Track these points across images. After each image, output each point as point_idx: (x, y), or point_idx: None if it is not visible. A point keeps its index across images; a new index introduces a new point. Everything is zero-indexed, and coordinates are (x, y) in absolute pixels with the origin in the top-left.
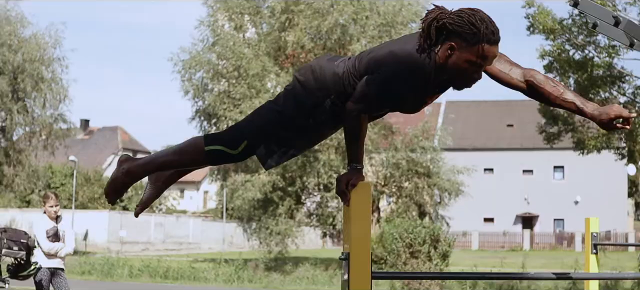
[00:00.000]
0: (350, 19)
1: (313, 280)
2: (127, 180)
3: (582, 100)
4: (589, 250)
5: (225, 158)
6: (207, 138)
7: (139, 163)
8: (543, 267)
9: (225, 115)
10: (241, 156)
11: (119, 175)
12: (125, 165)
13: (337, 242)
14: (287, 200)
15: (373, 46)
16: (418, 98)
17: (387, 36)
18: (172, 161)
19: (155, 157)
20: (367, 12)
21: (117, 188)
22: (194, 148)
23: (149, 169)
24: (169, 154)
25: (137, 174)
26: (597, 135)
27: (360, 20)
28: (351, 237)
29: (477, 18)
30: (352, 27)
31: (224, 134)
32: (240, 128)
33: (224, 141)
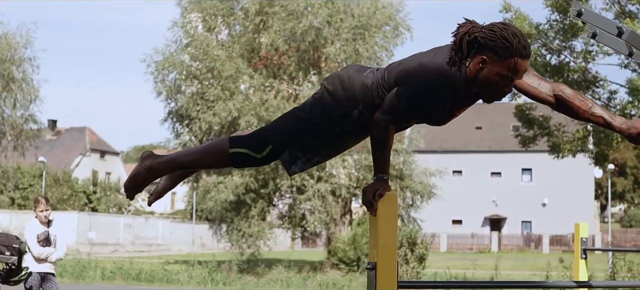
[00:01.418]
0: (324, 22)
1: (287, 283)
2: (149, 176)
3: (610, 114)
4: (579, 255)
5: (249, 161)
6: (232, 140)
7: (162, 160)
8: (512, 269)
9: (199, 116)
10: (265, 160)
11: (141, 170)
12: (148, 161)
13: (308, 244)
14: (259, 202)
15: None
16: (447, 110)
17: (361, 39)
18: (195, 161)
19: (179, 156)
20: (341, 15)
21: (138, 183)
22: (218, 149)
23: (171, 167)
24: (192, 153)
25: (159, 171)
26: (572, 139)
27: (334, 23)
28: (378, 247)
29: (509, 32)
30: (327, 30)
31: (249, 138)
32: (266, 132)
33: (249, 144)
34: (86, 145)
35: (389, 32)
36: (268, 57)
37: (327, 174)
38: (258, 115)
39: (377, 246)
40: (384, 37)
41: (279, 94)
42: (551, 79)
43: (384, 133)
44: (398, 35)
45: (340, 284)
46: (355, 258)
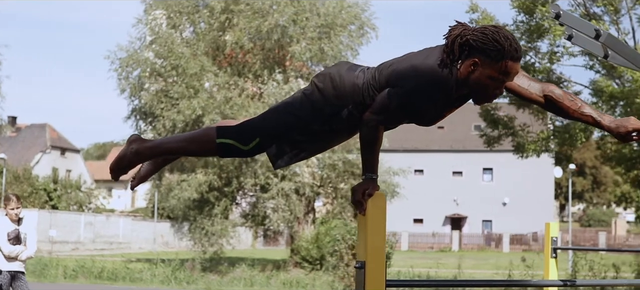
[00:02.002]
0: (290, 20)
1: (251, 282)
2: (135, 160)
3: (599, 113)
4: (549, 255)
5: (236, 152)
6: (220, 130)
7: (149, 145)
8: (474, 268)
9: (163, 114)
10: (251, 152)
11: (128, 153)
12: (135, 145)
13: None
14: (223, 201)
15: (394, 58)
16: (438, 111)
17: (326, 38)
18: (182, 148)
19: (166, 142)
20: (307, 14)
21: (123, 166)
22: (205, 138)
23: (157, 152)
24: (180, 140)
25: (145, 156)
26: (536, 140)
27: (300, 22)
28: (367, 246)
29: (501, 35)
30: (292, 28)
31: (237, 129)
32: (255, 125)
33: (236, 136)
34: (47, 142)
35: (354, 31)
36: (233, 55)
37: (291, 172)
38: (222, 113)
39: (366, 245)
40: (349, 36)
41: (244, 92)
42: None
43: (374, 133)
44: (363, 35)
45: (304, 283)
46: (319, 256)
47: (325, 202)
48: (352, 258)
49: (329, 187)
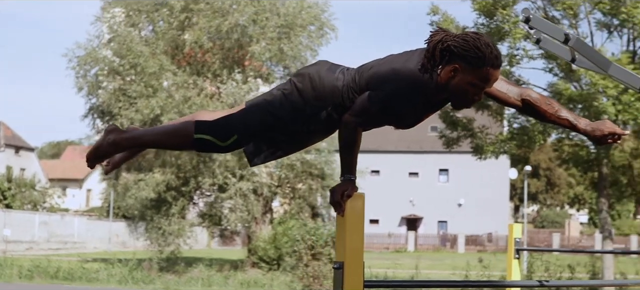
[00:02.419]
0: (250, 20)
1: (208, 282)
2: (111, 150)
3: (575, 116)
4: (512, 256)
5: (213, 148)
6: (198, 126)
7: (126, 136)
8: (431, 268)
9: (121, 113)
10: (229, 148)
11: (104, 144)
12: (112, 136)
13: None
14: (180, 200)
15: (374, 60)
16: (417, 115)
17: (286, 38)
18: (159, 141)
19: (143, 134)
20: (267, 14)
21: (99, 155)
22: (183, 133)
23: (135, 143)
24: (157, 133)
25: (122, 147)
26: (495, 141)
27: (260, 22)
28: (346, 247)
29: (482, 42)
30: (252, 28)
31: (215, 124)
32: (233, 122)
33: (214, 132)
34: (0, 140)
35: (314, 32)
36: (192, 54)
37: (249, 172)
38: (181, 113)
39: (345, 246)
40: (309, 36)
41: (203, 91)
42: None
43: (353, 135)
44: (323, 35)
45: (262, 283)
46: (276, 256)
47: (283, 202)
48: (312, 258)
49: (287, 188)
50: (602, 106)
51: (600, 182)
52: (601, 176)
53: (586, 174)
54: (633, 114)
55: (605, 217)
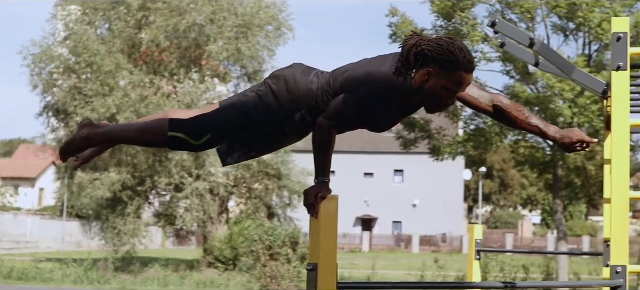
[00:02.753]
0: (208, 19)
1: (165, 282)
2: (84, 145)
3: (545, 124)
4: (473, 257)
5: (186, 146)
6: (172, 123)
7: (100, 131)
8: (386, 269)
9: (76, 112)
10: (202, 148)
11: (77, 138)
12: (86, 130)
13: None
14: (136, 200)
15: (349, 64)
16: (391, 118)
17: (244, 38)
18: (132, 138)
19: (117, 129)
20: (225, 13)
21: (73, 149)
22: (157, 130)
23: (108, 139)
24: (131, 130)
25: (95, 141)
26: (452, 143)
27: (217, 21)
28: (320, 249)
29: (455, 47)
30: (209, 28)
31: (189, 123)
32: (207, 121)
33: (188, 130)
34: None
35: (272, 32)
36: (149, 53)
37: (206, 172)
38: (137, 112)
39: (319, 248)
40: (267, 36)
41: (160, 91)
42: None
43: (327, 137)
44: (281, 36)
45: (218, 283)
46: (232, 257)
47: (239, 202)
48: (269, 259)
49: (243, 188)
50: (558, 109)
51: (555, 183)
52: (556, 178)
53: (542, 176)
54: (588, 117)
55: (560, 218)
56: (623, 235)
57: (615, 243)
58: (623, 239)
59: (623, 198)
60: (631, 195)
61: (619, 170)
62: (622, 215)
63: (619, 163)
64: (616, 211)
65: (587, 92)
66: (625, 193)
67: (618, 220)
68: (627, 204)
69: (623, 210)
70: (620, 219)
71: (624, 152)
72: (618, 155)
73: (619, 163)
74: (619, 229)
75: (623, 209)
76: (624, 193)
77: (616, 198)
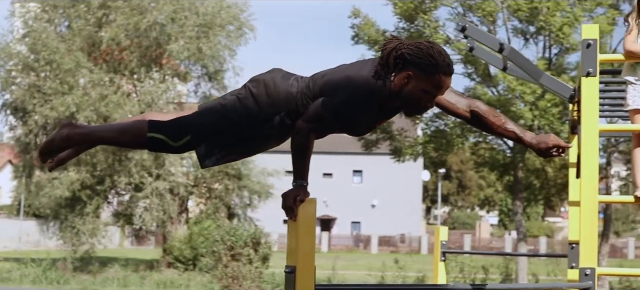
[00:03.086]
0: (168, 18)
1: (124, 282)
2: (64, 145)
3: (521, 129)
4: (438, 258)
5: (165, 148)
6: (152, 124)
7: (80, 131)
8: (346, 269)
9: (35, 110)
10: (181, 149)
11: (57, 138)
12: (66, 130)
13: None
14: (95, 199)
15: (328, 68)
16: (370, 122)
17: (205, 37)
18: (112, 138)
19: (97, 130)
20: (186, 12)
21: (52, 149)
22: (136, 131)
23: (88, 139)
24: (111, 130)
25: (75, 142)
26: (413, 144)
27: (179, 20)
28: (298, 251)
29: (435, 50)
30: (170, 27)
31: (168, 125)
32: (186, 123)
33: (167, 132)
34: None
35: (233, 32)
36: (109, 51)
37: (165, 171)
38: (97, 111)
39: (297, 250)
40: (228, 36)
41: (120, 89)
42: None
43: (306, 141)
44: (242, 35)
45: (178, 283)
46: (192, 257)
47: (199, 202)
48: (231, 259)
49: (203, 187)
50: (519, 111)
51: (515, 185)
52: (516, 179)
53: (502, 177)
54: (549, 120)
55: (520, 219)
56: (592, 238)
57: (584, 246)
58: (592, 241)
59: (592, 201)
60: (600, 198)
61: (588, 174)
62: (591, 219)
63: (588, 167)
64: (585, 214)
65: (547, 94)
66: (594, 197)
67: (587, 223)
68: (596, 208)
69: (592, 213)
70: (589, 222)
71: (593, 156)
72: (587, 159)
73: (588, 167)
74: (588, 231)
75: (592, 212)
76: (593, 197)
77: (585, 201)
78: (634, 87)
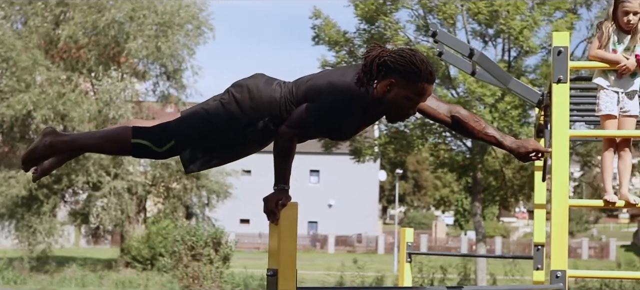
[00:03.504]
0: (127, 17)
1: (83, 282)
2: (47, 153)
3: (501, 134)
4: (404, 259)
5: (150, 154)
6: (136, 131)
7: (63, 139)
8: (304, 269)
9: None
10: (165, 155)
11: (40, 146)
12: (48, 138)
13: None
14: (52, 198)
15: (311, 74)
16: (352, 127)
17: (163, 36)
18: (96, 145)
19: (80, 137)
20: (144, 11)
21: (35, 157)
22: (120, 138)
23: (72, 147)
24: (95, 137)
25: (58, 149)
26: (373, 145)
27: (137, 19)
28: (280, 254)
29: (417, 58)
30: (129, 25)
31: (152, 131)
32: (170, 128)
33: (151, 137)
34: None
35: (192, 31)
36: (66, 49)
37: (123, 170)
38: (54, 109)
39: (279, 253)
40: (186, 35)
41: (78, 88)
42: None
43: (289, 145)
44: (200, 34)
45: (137, 283)
46: (150, 256)
47: (157, 201)
48: (192, 259)
49: (161, 187)
50: (479, 113)
51: (474, 186)
52: (475, 180)
53: (461, 178)
54: (508, 122)
55: (479, 220)
56: (562, 240)
57: (555, 248)
58: (562, 244)
59: (562, 205)
60: (570, 202)
61: (559, 179)
62: (562, 222)
63: (558, 172)
64: (556, 217)
65: (507, 97)
66: (564, 200)
67: (558, 226)
68: (566, 211)
69: (562, 216)
70: (559, 225)
71: (564, 161)
72: (558, 164)
73: (558, 172)
74: (559, 234)
75: (562, 215)
76: (563, 200)
77: (556, 205)
78: (605, 92)
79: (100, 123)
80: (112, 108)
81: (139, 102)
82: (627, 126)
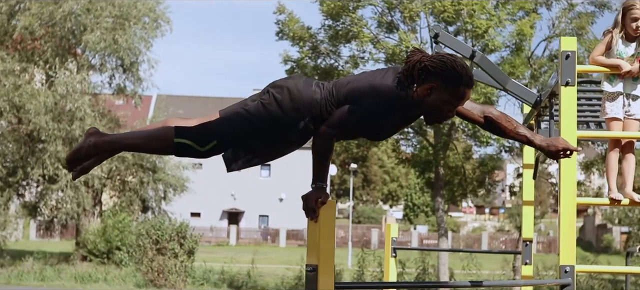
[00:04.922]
0: (84, 9)
1: (41, 275)
2: (91, 153)
3: (531, 133)
4: (389, 254)
5: (192, 153)
6: (178, 130)
7: (107, 139)
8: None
9: None
10: (207, 154)
11: (85, 146)
12: (93, 139)
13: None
14: (7, 191)
15: (350, 75)
16: (393, 128)
17: (121, 29)
18: (139, 145)
19: (124, 137)
20: (102, 3)
21: (80, 157)
22: (163, 137)
23: (115, 147)
24: (137, 137)
25: (102, 150)
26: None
27: (94, 11)
28: (320, 252)
29: (457, 64)
30: (86, 17)
31: (195, 130)
32: (212, 128)
33: (194, 137)
34: None
35: (149, 24)
36: (22, 40)
37: None
38: (11, 101)
39: (319, 250)
40: (144, 28)
41: (33, 79)
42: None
43: (328, 145)
44: (158, 27)
45: (96, 277)
46: (106, 250)
47: (113, 194)
48: (157, 253)
49: (117, 180)
50: None
51: (436, 182)
52: (438, 176)
53: (424, 174)
54: None
55: (441, 215)
56: (571, 236)
57: (564, 244)
58: (571, 240)
59: (571, 203)
60: (579, 200)
61: (567, 178)
62: (570, 219)
63: (567, 171)
64: (564, 215)
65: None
66: (572, 198)
67: (566, 223)
68: (574, 209)
69: (571, 214)
70: (568, 222)
71: (572, 161)
72: (566, 164)
73: (567, 171)
74: (567, 231)
75: (571, 213)
76: (571, 198)
77: (565, 203)
78: (611, 96)
79: (57, 115)
80: (69, 100)
81: (96, 95)
82: (632, 129)
